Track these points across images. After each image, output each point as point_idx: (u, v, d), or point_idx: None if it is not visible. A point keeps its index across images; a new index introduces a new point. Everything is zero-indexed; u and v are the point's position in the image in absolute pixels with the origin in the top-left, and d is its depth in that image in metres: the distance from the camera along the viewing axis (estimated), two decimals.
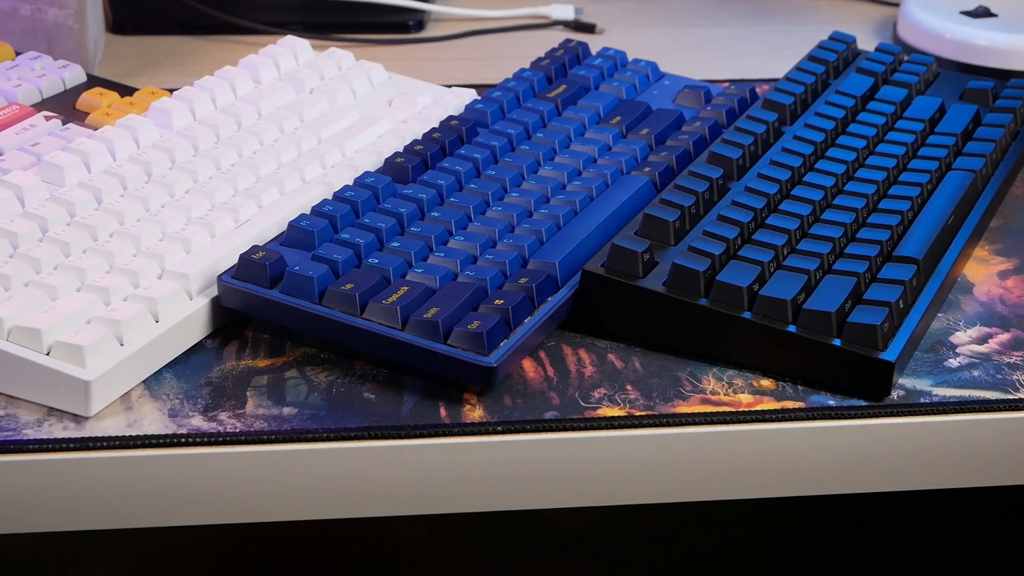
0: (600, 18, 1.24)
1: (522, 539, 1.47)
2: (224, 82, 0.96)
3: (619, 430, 0.72)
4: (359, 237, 0.79)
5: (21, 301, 0.73)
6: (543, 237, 0.81)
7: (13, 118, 0.92)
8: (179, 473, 0.70)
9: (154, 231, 0.80)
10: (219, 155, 0.87)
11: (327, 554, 1.44)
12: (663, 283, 0.77)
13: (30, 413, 0.71)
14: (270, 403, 0.73)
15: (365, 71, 1.01)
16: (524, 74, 1.00)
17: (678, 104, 1.00)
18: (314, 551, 1.44)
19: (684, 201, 0.82)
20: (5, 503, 0.70)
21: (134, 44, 1.17)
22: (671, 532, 1.48)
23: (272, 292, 0.76)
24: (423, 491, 0.72)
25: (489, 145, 0.90)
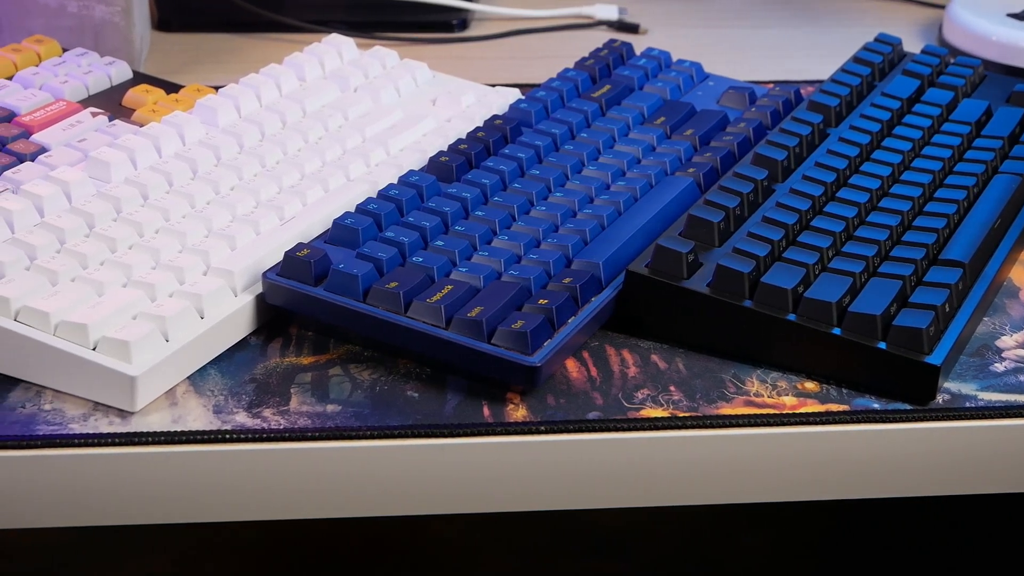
0: (644, 18, 1.24)
1: (559, 539, 1.47)
2: (269, 80, 0.96)
3: (662, 431, 0.72)
4: (403, 235, 0.79)
5: (68, 296, 0.74)
6: (587, 237, 0.81)
7: (60, 114, 0.92)
8: (223, 469, 0.70)
9: (199, 227, 0.80)
10: (264, 152, 0.88)
11: (364, 552, 1.44)
12: (707, 284, 0.77)
13: (76, 408, 0.72)
14: (314, 400, 0.73)
15: (409, 70, 1.01)
16: (568, 74, 1.00)
17: (722, 105, 0.99)
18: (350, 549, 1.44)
19: (728, 202, 0.82)
20: (51, 497, 0.70)
21: (179, 41, 1.18)
22: (709, 534, 1.48)
23: (317, 290, 0.76)
24: (465, 490, 0.72)
25: (533, 145, 0.90)
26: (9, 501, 0.70)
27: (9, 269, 0.75)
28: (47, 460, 0.69)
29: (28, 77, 0.96)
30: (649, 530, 1.47)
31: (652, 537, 1.47)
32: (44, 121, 0.91)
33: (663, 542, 1.47)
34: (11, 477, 0.69)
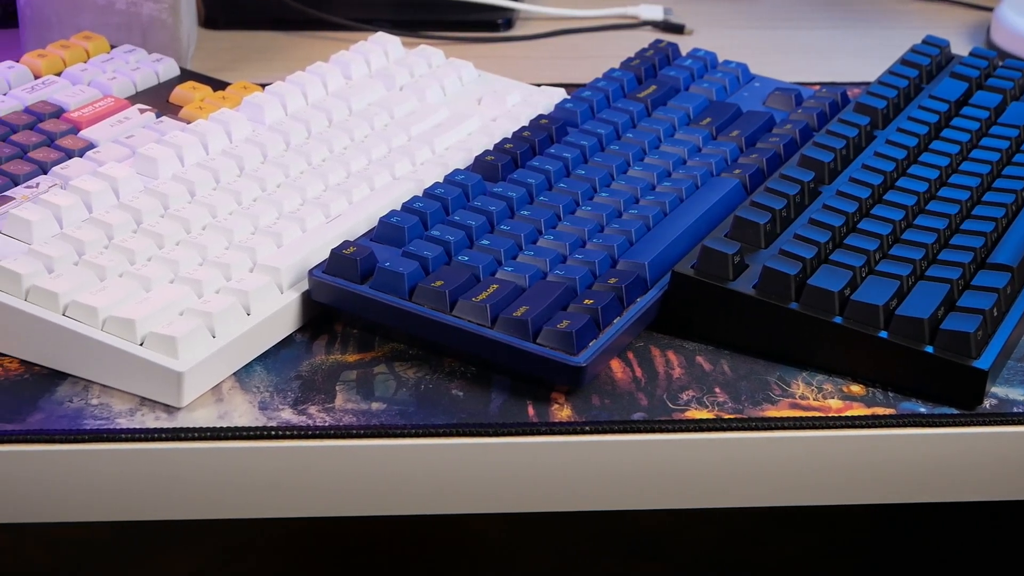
0: (689, 19, 1.24)
1: (598, 539, 1.47)
2: (315, 78, 0.96)
3: (707, 433, 0.72)
4: (449, 234, 0.79)
5: (115, 291, 0.74)
6: (632, 238, 0.81)
7: (108, 110, 0.93)
8: (268, 465, 0.70)
9: (246, 224, 0.81)
10: (310, 150, 0.88)
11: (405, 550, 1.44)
12: (753, 286, 0.77)
13: (123, 403, 0.72)
14: (359, 398, 0.73)
15: (455, 69, 1.01)
16: (614, 74, 0.99)
17: (768, 106, 0.99)
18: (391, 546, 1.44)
19: (775, 204, 0.82)
20: (97, 491, 0.70)
21: (225, 39, 1.18)
22: (749, 536, 1.48)
23: (362, 287, 0.76)
24: (508, 489, 0.72)
25: (579, 145, 0.90)
26: (55, 495, 0.70)
27: (58, 264, 0.75)
28: (94, 454, 0.70)
29: (77, 73, 0.96)
30: (688, 531, 1.47)
31: (691, 538, 1.47)
32: (92, 117, 0.92)
33: (702, 543, 1.47)
34: (58, 471, 0.70)
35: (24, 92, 0.93)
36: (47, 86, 0.95)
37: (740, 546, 1.47)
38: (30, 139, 0.88)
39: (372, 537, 1.44)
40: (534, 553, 1.46)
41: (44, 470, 0.70)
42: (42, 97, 0.93)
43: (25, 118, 0.90)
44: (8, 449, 0.69)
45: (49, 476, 0.70)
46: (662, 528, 1.46)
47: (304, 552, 1.43)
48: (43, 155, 0.87)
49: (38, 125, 0.90)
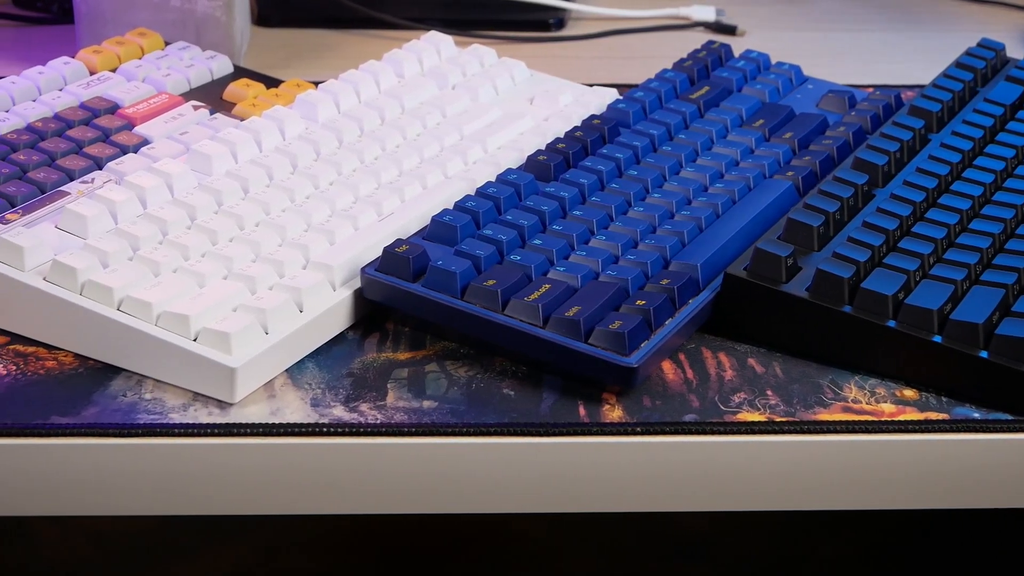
0: (741, 20, 1.24)
1: (642, 540, 1.46)
2: (368, 76, 0.97)
3: (759, 435, 0.72)
4: (502, 234, 0.79)
5: (170, 287, 0.74)
6: (685, 239, 0.81)
7: (162, 107, 0.93)
8: (320, 462, 0.71)
9: (299, 222, 0.81)
10: (363, 148, 0.88)
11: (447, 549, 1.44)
12: (806, 289, 0.76)
13: (176, 398, 0.72)
14: (410, 396, 0.73)
15: (507, 68, 1.01)
16: (666, 75, 0.99)
17: (822, 108, 0.99)
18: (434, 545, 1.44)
19: (829, 207, 0.82)
20: (149, 485, 0.71)
21: (278, 37, 1.18)
22: (794, 539, 1.47)
23: (415, 286, 0.76)
24: (559, 489, 0.72)
25: (631, 145, 0.90)
26: (107, 488, 0.71)
27: (113, 259, 0.76)
28: (147, 449, 0.70)
29: (131, 70, 0.97)
30: (732, 534, 1.47)
31: (735, 541, 1.46)
32: (147, 113, 0.92)
33: (746, 546, 1.46)
34: (111, 465, 0.70)
35: (80, 88, 0.94)
36: (102, 82, 0.95)
37: (784, 549, 1.46)
38: (85, 135, 0.89)
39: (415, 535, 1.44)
40: (576, 554, 1.45)
41: (97, 464, 0.70)
42: (97, 93, 0.94)
43: (81, 114, 0.91)
44: (62, 442, 0.70)
45: (101, 469, 0.70)
46: (706, 530, 1.46)
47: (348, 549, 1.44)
48: (98, 151, 0.87)
49: (93, 121, 0.90)
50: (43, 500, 0.71)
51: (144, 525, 1.42)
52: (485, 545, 1.45)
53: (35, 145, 0.87)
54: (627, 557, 1.46)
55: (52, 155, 0.86)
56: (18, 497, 0.71)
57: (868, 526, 1.46)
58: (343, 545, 1.44)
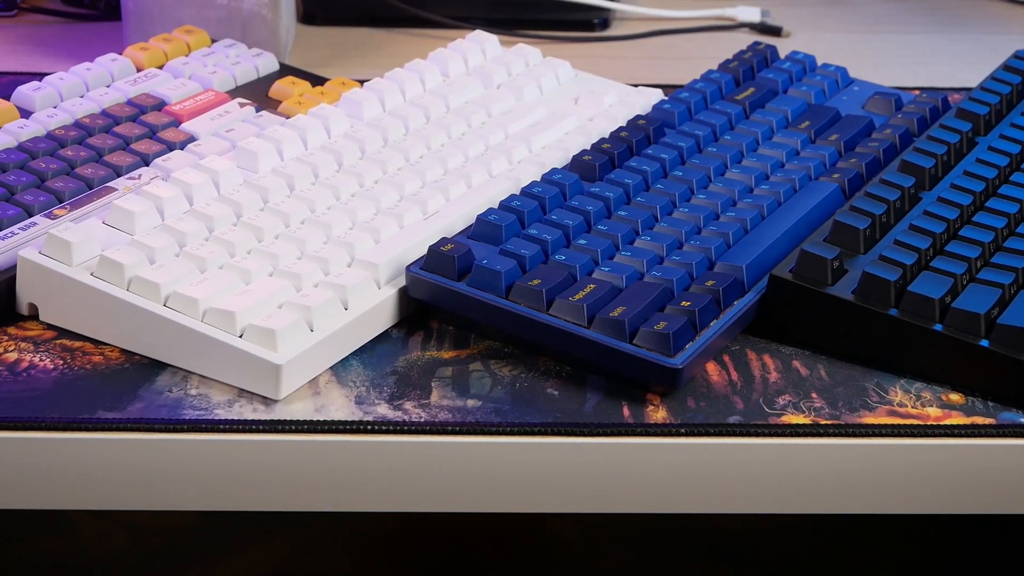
0: (787, 21, 1.23)
1: (678, 542, 1.46)
2: (413, 75, 0.97)
3: (804, 438, 0.71)
4: (547, 233, 0.79)
5: (216, 283, 0.75)
6: (730, 240, 0.81)
7: (209, 104, 0.94)
8: (363, 460, 0.71)
9: (344, 219, 0.81)
10: (408, 147, 0.88)
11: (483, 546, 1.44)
12: (852, 291, 0.76)
13: (221, 394, 0.73)
14: (454, 395, 0.73)
15: (552, 68, 1.01)
16: (712, 75, 0.99)
17: (868, 111, 0.98)
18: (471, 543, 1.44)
19: (875, 209, 0.81)
20: (193, 481, 0.71)
21: (323, 35, 1.19)
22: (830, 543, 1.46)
23: (459, 285, 0.76)
24: (602, 489, 0.72)
25: (676, 146, 0.90)
26: (152, 483, 0.71)
27: (159, 255, 0.76)
28: (192, 444, 0.70)
29: (178, 67, 0.98)
30: (770, 536, 1.46)
31: (773, 543, 1.46)
32: (193, 110, 0.93)
33: (784, 548, 1.46)
34: (156, 460, 0.70)
35: (127, 84, 0.94)
36: (149, 79, 0.96)
37: (821, 552, 1.46)
38: (133, 131, 0.89)
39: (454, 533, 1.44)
40: (611, 554, 1.45)
41: (142, 459, 0.70)
42: (144, 90, 0.94)
43: (128, 110, 0.91)
44: (108, 437, 0.70)
45: (146, 464, 0.71)
46: (742, 532, 1.45)
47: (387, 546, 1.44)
48: (145, 147, 0.88)
49: (140, 117, 0.91)
50: (86, 494, 0.71)
51: (184, 520, 1.42)
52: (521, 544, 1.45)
53: (83, 141, 0.88)
54: (662, 558, 1.46)
55: (100, 151, 0.87)
56: (61, 490, 0.71)
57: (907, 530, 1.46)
58: (382, 543, 1.44)
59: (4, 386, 0.72)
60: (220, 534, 1.44)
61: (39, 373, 0.73)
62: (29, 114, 0.91)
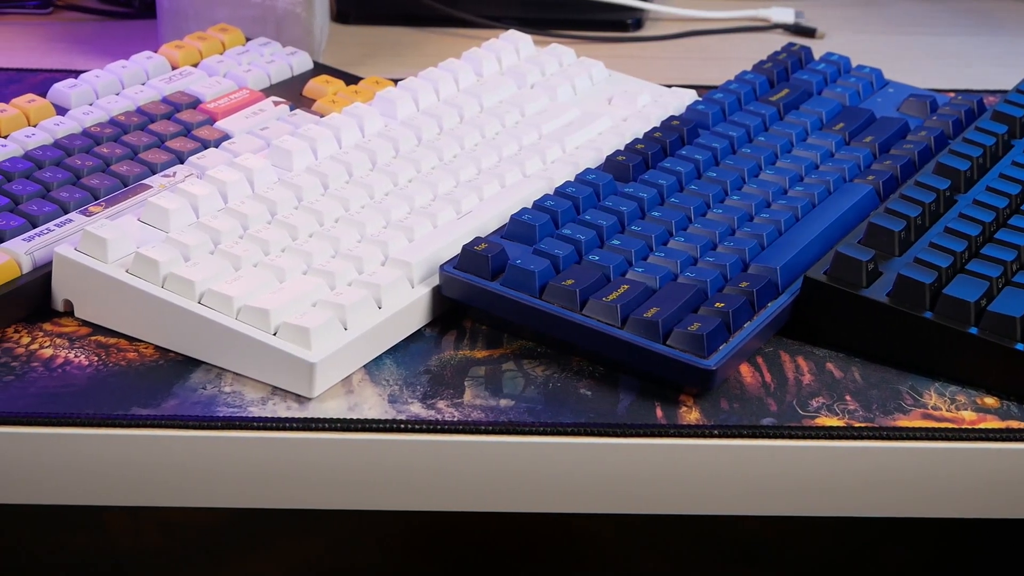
0: (821, 22, 1.23)
1: (708, 543, 1.46)
2: (447, 74, 0.97)
3: (838, 440, 0.71)
4: (580, 233, 0.79)
5: (250, 281, 0.75)
6: (764, 241, 0.80)
7: (243, 102, 0.94)
8: (396, 458, 0.71)
9: (378, 218, 0.81)
10: (442, 146, 0.88)
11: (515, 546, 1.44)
12: (887, 294, 0.76)
13: (255, 391, 0.73)
14: (487, 394, 0.73)
15: (586, 68, 1.01)
16: (746, 76, 0.99)
17: (902, 112, 0.98)
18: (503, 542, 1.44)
19: (910, 211, 0.81)
20: (226, 477, 0.71)
21: (356, 34, 1.19)
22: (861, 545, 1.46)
23: (493, 284, 0.76)
24: (633, 490, 0.72)
25: (710, 147, 0.89)
26: (187, 480, 0.71)
27: (194, 253, 0.76)
28: (226, 441, 0.71)
29: (213, 65, 0.98)
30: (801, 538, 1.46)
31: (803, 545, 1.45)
32: (228, 108, 0.93)
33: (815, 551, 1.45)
34: (190, 456, 0.71)
35: (162, 82, 0.95)
36: (184, 77, 0.96)
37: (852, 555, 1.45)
38: (168, 129, 0.89)
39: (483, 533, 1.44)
40: (641, 555, 1.45)
41: (176, 455, 0.71)
42: (179, 88, 0.95)
43: (163, 108, 0.92)
44: (143, 433, 0.70)
45: (180, 461, 0.71)
46: (774, 534, 1.45)
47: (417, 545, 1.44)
48: (180, 145, 0.88)
49: (175, 115, 0.91)
50: (119, 490, 0.72)
51: (215, 517, 1.42)
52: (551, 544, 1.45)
53: (118, 138, 0.88)
54: (692, 559, 1.45)
55: (135, 148, 0.87)
56: (94, 486, 0.71)
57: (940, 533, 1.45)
58: (413, 541, 1.44)
59: (39, 382, 0.73)
60: (251, 531, 1.44)
61: (74, 369, 0.74)
62: (65, 111, 0.91)
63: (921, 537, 1.45)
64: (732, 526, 1.45)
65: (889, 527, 1.44)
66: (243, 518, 1.43)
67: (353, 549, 1.44)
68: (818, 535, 1.45)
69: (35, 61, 1.09)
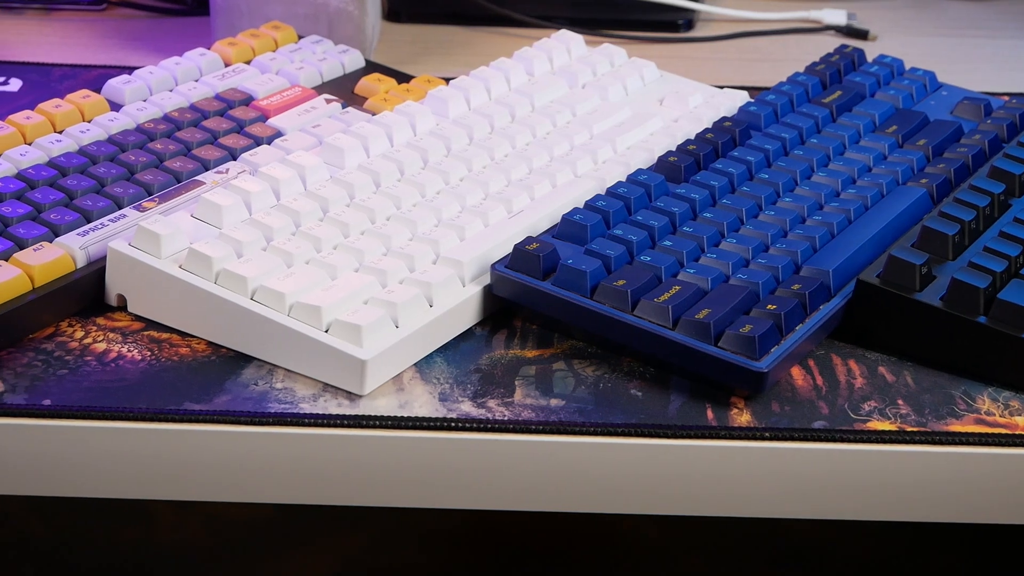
0: (873, 24, 1.22)
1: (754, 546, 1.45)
2: (499, 73, 0.97)
3: (890, 444, 0.71)
4: (632, 234, 0.79)
5: (302, 278, 0.75)
6: (816, 244, 0.80)
7: (295, 99, 0.94)
8: (447, 456, 0.71)
9: (429, 216, 0.81)
10: (493, 145, 0.88)
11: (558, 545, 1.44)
12: (940, 298, 0.75)
13: (306, 388, 0.73)
14: (538, 393, 0.73)
15: (637, 68, 1.01)
16: (799, 78, 0.98)
17: (956, 116, 0.97)
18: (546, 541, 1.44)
19: (964, 215, 0.80)
20: (275, 473, 0.72)
21: (407, 32, 1.19)
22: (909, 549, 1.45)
23: (544, 284, 0.76)
24: (682, 491, 0.72)
25: (762, 148, 0.89)
26: (237, 475, 0.72)
27: (247, 249, 0.77)
28: (277, 437, 0.71)
29: (265, 62, 0.98)
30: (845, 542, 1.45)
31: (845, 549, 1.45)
32: (280, 106, 0.93)
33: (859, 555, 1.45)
34: (242, 452, 0.71)
35: (215, 79, 0.95)
36: (237, 74, 0.96)
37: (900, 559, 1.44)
38: (220, 125, 0.90)
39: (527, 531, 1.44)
40: (686, 556, 1.45)
41: (228, 450, 0.71)
42: (232, 85, 0.95)
43: (216, 104, 0.92)
44: (195, 428, 0.71)
45: (231, 456, 0.71)
46: (821, 537, 1.44)
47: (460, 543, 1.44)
48: (233, 141, 0.88)
49: (228, 112, 0.92)
50: (170, 484, 0.72)
51: (260, 512, 1.43)
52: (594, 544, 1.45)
53: (171, 135, 0.89)
54: (735, 561, 1.45)
55: (188, 145, 0.88)
56: (146, 480, 0.72)
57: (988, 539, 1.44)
58: (457, 539, 1.44)
59: (93, 376, 0.73)
60: (293, 527, 1.44)
61: (127, 364, 0.74)
62: (119, 107, 0.92)
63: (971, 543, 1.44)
64: (777, 528, 1.44)
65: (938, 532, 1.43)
66: (285, 514, 1.43)
67: (395, 547, 1.44)
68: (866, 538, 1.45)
69: (89, 57, 1.10)
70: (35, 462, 0.71)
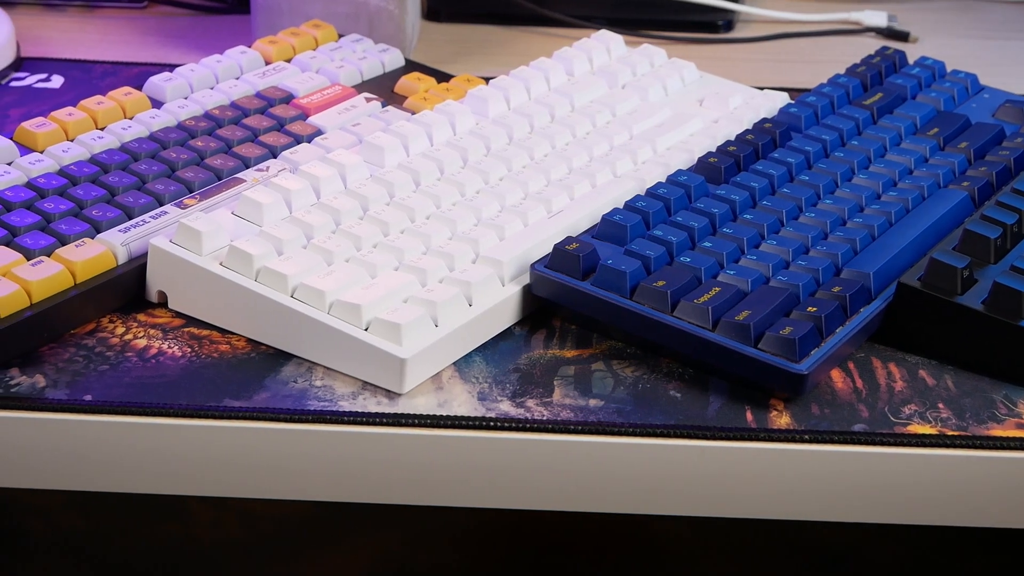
0: (914, 26, 1.22)
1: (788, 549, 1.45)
2: (539, 73, 0.97)
3: (930, 448, 0.71)
4: (672, 235, 0.79)
5: (342, 276, 0.75)
6: (857, 246, 0.80)
7: (335, 98, 0.94)
8: (485, 456, 0.71)
9: (469, 216, 0.81)
10: (532, 145, 0.88)
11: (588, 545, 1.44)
12: (982, 301, 0.75)
13: (345, 386, 0.73)
14: (576, 394, 0.73)
15: (677, 69, 1.01)
16: (839, 79, 0.98)
17: (998, 118, 0.97)
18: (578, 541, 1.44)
19: (1006, 219, 0.80)
20: (314, 471, 0.72)
21: (447, 31, 1.19)
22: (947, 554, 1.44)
23: (584, 284, 0.76)
24: (719, 493, 0.72)
25: (803, 150, 0.89)
26: (276, 472, 0.72)
27: (287, 247, 0.77)
28: (316, 435, 0.71)
29: (306, 61, 0.98)
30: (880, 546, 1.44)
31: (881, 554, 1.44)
32: (320, 104, 0.93)
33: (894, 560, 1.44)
34: (281, 449, 0.71)
35: (256, 77, 0.96)
36: (277, 72, 0.97)
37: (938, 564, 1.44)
38: (261, 123, 0.90)
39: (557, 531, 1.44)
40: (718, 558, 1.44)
41: (267, 447, 0.71)
42: (273, 83, 0.95)
43: (256, 102, 0.92)
44: (234, 425, 0.71)
45: (270, 453, 0.71)
46: (854, 542, 1.44)
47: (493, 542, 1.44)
48: (273, 139, 0.89)
49: (269, 110, 0.92)
50: (209, 480, 0.72)
51: (296, 509, 1.43)
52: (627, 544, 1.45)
53: (212, 132, 0.89)
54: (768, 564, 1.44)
55: (229, 142, 0.88)
56: (185, 476, 0.72)
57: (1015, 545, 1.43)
58: (489, 539, 1.44)
59: (133, 372, 0.73)
60: (327, 525, 1.45)
61: (167, 360, 0.75)
62: (160, 104, 0.92)
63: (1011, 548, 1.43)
64: (813, 531, 1.44)
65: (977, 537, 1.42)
66: (320, 512, 1.44)
67: (429, 545, 1.44)
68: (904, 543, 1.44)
69: (130, 55, 1.10)
70: (75, 457, 0.72)
